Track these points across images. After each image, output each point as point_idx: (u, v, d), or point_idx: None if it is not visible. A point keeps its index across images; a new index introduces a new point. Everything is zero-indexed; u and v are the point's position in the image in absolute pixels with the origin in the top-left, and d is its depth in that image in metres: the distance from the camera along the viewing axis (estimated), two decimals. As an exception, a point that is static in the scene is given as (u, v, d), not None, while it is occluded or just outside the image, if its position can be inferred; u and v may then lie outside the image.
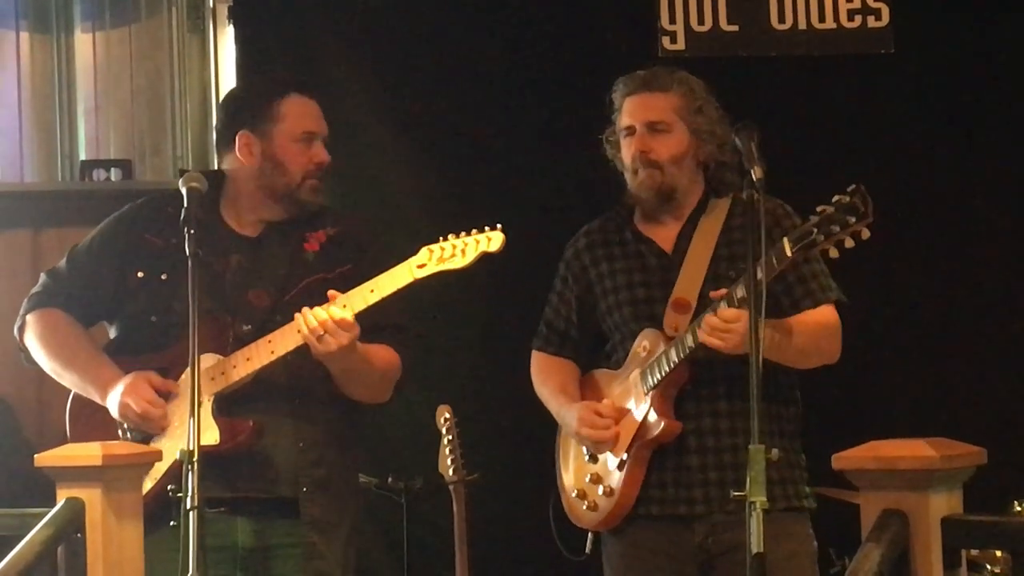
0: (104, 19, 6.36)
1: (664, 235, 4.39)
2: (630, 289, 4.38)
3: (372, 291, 4.08)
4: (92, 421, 4.22)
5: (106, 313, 4.37)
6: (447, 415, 5.11)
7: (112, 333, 4.39)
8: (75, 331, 4.32)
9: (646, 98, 4.38)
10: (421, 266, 4.07)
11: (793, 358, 4.20)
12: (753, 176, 3.79)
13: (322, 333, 4.03)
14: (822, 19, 5.93)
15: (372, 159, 6.03)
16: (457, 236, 4.07)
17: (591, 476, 4.38)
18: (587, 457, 4.42)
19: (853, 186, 3.88)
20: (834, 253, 3.93)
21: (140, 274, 4.27)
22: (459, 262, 4.06)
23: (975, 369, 5.81)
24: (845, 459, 3.19)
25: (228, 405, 4.13)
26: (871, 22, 5.92)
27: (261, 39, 6.08)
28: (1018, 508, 5.09)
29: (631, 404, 4.32)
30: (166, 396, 4.17)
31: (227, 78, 6.25)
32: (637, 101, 4.39)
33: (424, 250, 4.09)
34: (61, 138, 6.32)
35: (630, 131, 4.37)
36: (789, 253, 3.92)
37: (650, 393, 4.26)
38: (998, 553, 4.85)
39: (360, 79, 6.02)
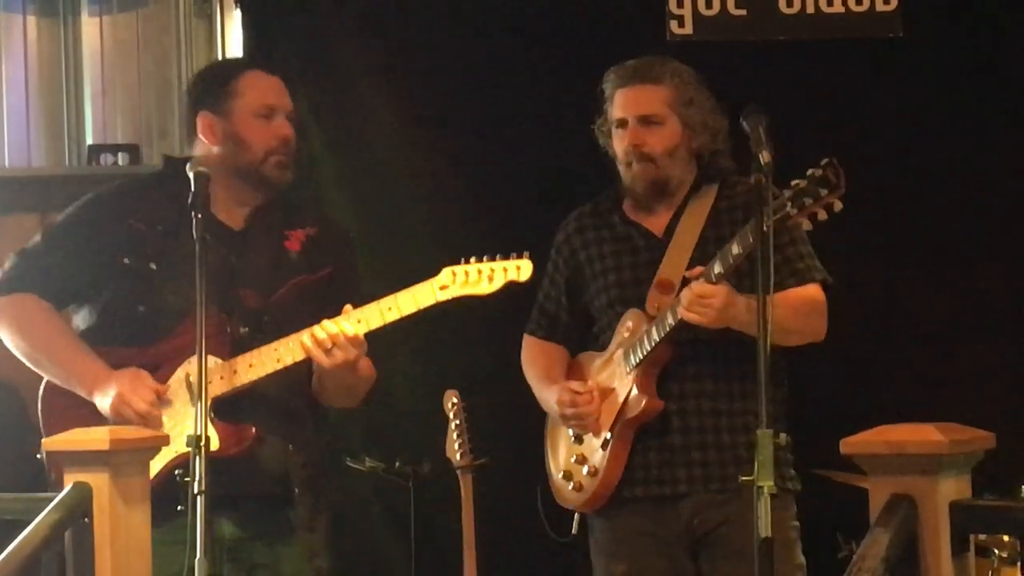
0: (111, 3, 6.36)
1: (655, 221, 4.43)
2: (618, 272, 4.42)
3: (390, 309, 4.01)
4: (69, 414, 4.08)
5: (81, 297, 4.21)
6: (455, 400, 5.10)
7: (82, 318, 4.23)
8: (54, 319, 4.18)
9: (638, 91, 4.39)
10: (444, 288, 4.01)
11: (775, 335, 4.18)
12: (761, 160, 3.79)
13: (330, 347, 3.99)
14: (830, 3, 5.92)
15: (379, 144, 6.02)
16: (483, 260, 4.01)
17: (576, 457, 4.43)
18: (572, 438, 4.47)
19: (826, 159, 3.89)
20: (807, 225, 3.97)
21: (126, 260, 4.14)
22: (485, 289, 4.01)
23: (984, 353, 5.80)
24: (854, 444, 3.19)
25: (222, 408, 4.04)
26: (879, 5, 5.90)
27: (268, 24, 6.07)
28: (1027, 493, 5.09)
29: (615, 384, 4.35)
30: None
31: (234, 63, 6.25)
32: (629, 94, 4.40)
33: (447, 271, 4.02)
34: (68, 123, 6.32)
35: (622, 124, 4.39)
36: (764, 227, 3.91)
37: (632, 372, 4.29)
38: (1006, 538, 4.85)
39: (367, 64, 6.02)
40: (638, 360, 4.27)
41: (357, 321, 4.00)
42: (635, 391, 4.28)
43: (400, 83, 6.02)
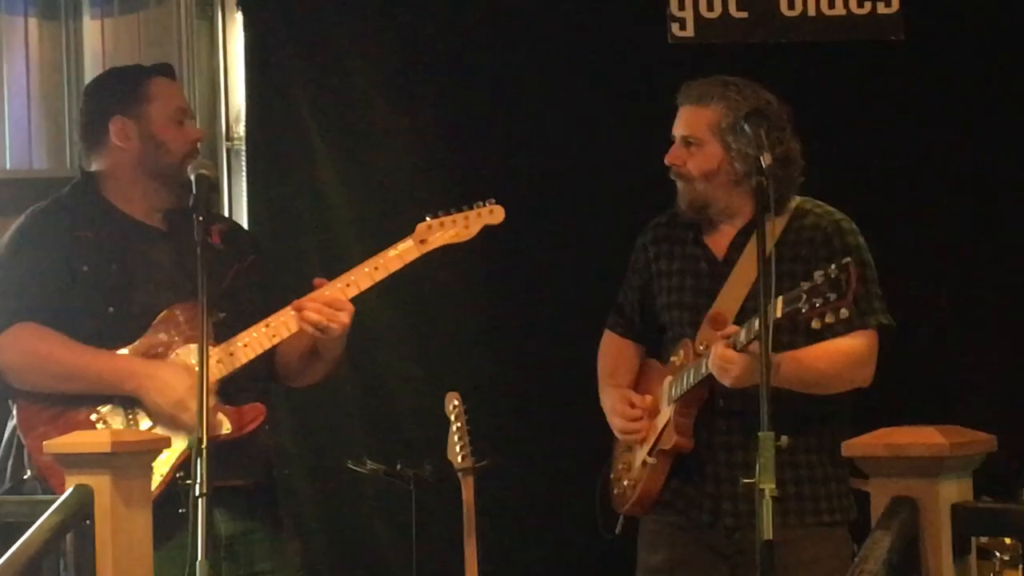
0: (113, 6, 6.35)
1: (720, 242, 4.39)
2: (681, 292, 4.41)
3: (376, 268, 4.12)
4: (55, 426, 4.03)
5: (57, 314, 4.14)
6: (456, 402, 5.10)
7: None
8: (58, 335, 4.11)
9: (686, 111, 4.37)
10: (423, 241, 4.15)
11: (808, 388, 4.17)
12: (762, 163, 3.78)
13: (326, 317, 4.07)
14: (832, 5, 5.91)
15: (381, 143, 6.02)
16: (458, 210, 4.16)
17: (624, 464, 4.48)
18: (625, 444, 4.49)
19: (847, 259, 3.85)
20: (816, 324, 3.91)
21: (85, 268, 4.14)
22: (463, 235, 4.16)
23: (986, 356, 5.80)
24: (855, 446, 3.19)
25: (220, 393, 4.08)
26: (881, 8, 5.89)
27: (269, 26, 6.07)
28: (1028, 495, 5.09)
29: (660, 409, 4.38)
30: None
31: (236, 66, 6.25)
32: (681, 113, 4.38)
33: (422, 226, 4.16)
34: (70, 125, 6.31)
35: (672, 141, 4.38)
36: (778, 314, 3.89)
37: (673, 404, 4.30)
38: (1007, 540, 4.85)
39: (369, 65, 6.02)
40: (677, 395, 4.28)
41: (347, 285, 4.10)
42: (671, 425, 4.29)
43: (401, 80, 6.02)
